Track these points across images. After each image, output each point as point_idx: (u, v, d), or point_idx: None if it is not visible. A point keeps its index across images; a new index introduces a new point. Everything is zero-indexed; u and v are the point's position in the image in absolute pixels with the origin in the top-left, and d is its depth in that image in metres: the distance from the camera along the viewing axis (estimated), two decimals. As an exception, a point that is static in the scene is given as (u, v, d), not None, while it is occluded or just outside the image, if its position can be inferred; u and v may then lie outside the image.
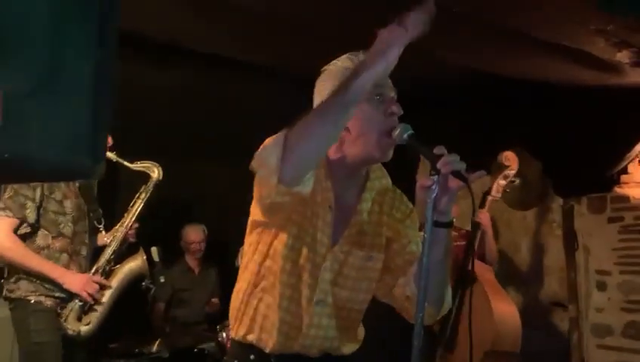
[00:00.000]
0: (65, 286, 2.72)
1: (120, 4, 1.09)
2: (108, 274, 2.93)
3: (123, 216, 3.08)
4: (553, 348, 4.05)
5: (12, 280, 2.74)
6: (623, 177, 3.67)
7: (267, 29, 2.97)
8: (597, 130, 3.50)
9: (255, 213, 1.57)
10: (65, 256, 2.78)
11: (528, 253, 4.35)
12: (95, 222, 2.97)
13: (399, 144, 1.48)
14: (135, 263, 3.01)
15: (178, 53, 3.47)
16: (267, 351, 1.53)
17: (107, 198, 3.36)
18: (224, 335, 3.45)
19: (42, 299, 2.71)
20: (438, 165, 1.32)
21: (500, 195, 3.32)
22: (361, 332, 1.70)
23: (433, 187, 1.33)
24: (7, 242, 2.66)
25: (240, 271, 1.65)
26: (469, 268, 3.33)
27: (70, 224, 2.80)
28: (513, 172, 3.23)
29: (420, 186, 1.36)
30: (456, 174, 1.33)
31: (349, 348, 1.63)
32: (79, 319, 2.78)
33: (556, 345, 4.03)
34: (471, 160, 3.51)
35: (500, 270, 4.50)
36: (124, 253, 3.05)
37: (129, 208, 3.09)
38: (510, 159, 3.23)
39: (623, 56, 2.50)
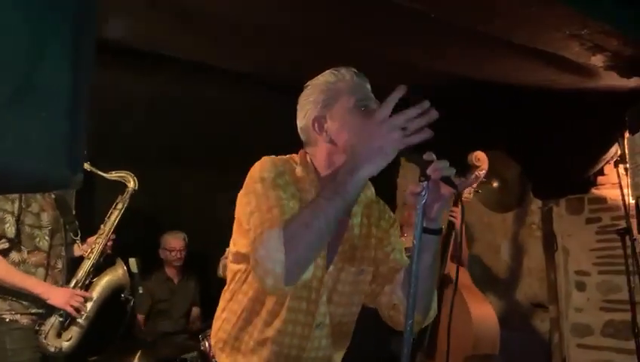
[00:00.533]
0: (49, 301, 2.66)
1: (96, 12, 1.07)
2: (87, 286, 2.88)
3: (100, 228, 3.03)
4: (534, 348, 4.09)
5: None
6: (600, 178, 3.73)
7: (245, 37, 2.96)
8: (574, 133, 3.56)
9: (242, 244, 1.49)
10: (41, 270, 2.71)
11: (508, 254, 4.39)
12: (71, 234, 2.93)
13: None
14: (114, 275, 2.97)
15: (156, 61, 3.44)
16: None
17: (83, 209, 3.31)
18: (206, 344, 3.42)
19: (18, 317, 2.63)
20: (428, 171, 1.31)
21: (471, 196, 3.34)
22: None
23: (422, 193, 1.30)
24: None
25: (224, 299, 1.59)
26: (442, 271, 3.32)
27: (47, 238, 2.74)
28: (484, 172, 3.25)
29: (410, 193, 1.33)
30: (446, 180, 1.31)
31: (339, 356, 1.63)
32: (59, 335, 2.72)
33: (537, 345, 4.07)
34: (450, 163, 3.51)
35: (480, 272, 4.55)
36: (100, 265, 2.99)
37: (106, 219, 3.04)
38: (480, 159, 3.25)
39: (597, 60, 2.54)
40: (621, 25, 2.22)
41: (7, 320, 2.61)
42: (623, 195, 3.30)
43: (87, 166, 2.86)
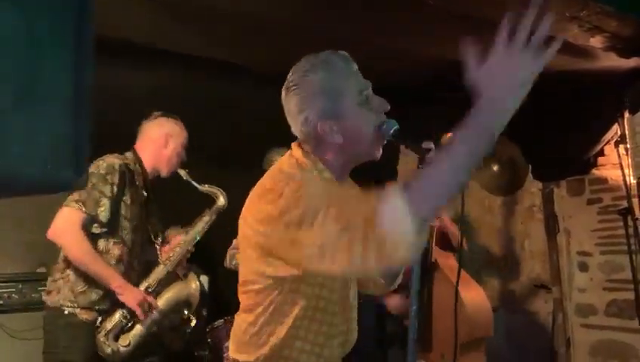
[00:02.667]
0: (121, 297, 2.51)
1: (94, 11, 1.07)
2: (157, 294, 2.71)
3: (181, 236, 2.87)
4: (538, 329, 4.12)
5: (55, 278, 2.51)
6: (600, 159, 3.73)
7: (244, 29, 2.95)
8: (573, 114, 3.55)
9: (280, 267, 1.42)
10: (121, 266, 2.57)
11: (510, 237, 4.41)
12: (152, 236, 2.77)
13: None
14: (186, 289, 2.77)
15: (154, 55, 3.42)
16: None
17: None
18: (214, 335, 3.43)
19: (78, 311, 2.48)
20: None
21: None
22: None
23: None
24: (74, 237, 2.42)
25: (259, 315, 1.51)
26: (430, 259, 3.36)
27: (131, 232, 2.61)
28: None
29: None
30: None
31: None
32: (116, 338, 2.55)
33: (540, 326, 4.10)
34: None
35: (482, 256, 4.57)
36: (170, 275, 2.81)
37: (189, 228, 2.88)
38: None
39: (596, 42, 2.53)
40: (620, 5, 2.21)
41: (66, 312, 2.47)
42: (623, 175, 3.31)
43: (182, 173, 2.79)
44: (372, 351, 3.68)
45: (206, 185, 2.91)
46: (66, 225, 2.44)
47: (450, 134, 3.61)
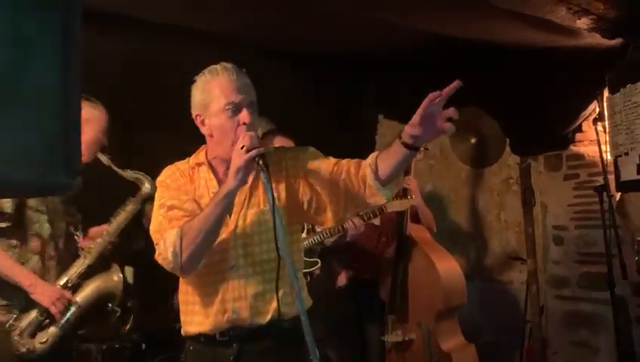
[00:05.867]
0: (33, 296, 2.42)
1: (82, 11, 1.02)
2: (75, 288, 2.60)
3: (101, 226, 2.76)
4: (512, 298, 4.23)
5: None
6: (578, 135, 3.78)
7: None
8: (552, 90, 3.57)
9: None
10: (36, 258, 2.49)
11: (486, 209, 4.48)
12: (72, 228, 2.67)
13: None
14: (107, 281, 2.67)
15: (128, 23, 3.31)
16: None
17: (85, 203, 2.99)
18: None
19: None
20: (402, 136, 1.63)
21: (422, 155, 3.53)
22: None
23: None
24: None
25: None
26: (405, 233, 3.47)
27: (47, 224, 2.52)
28: None
29: (430, 99, 1.57)
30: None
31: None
32: (33, 335, 2.46)
33: (515, 295, 4.21)
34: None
35: (458, 226, 4.65)
36: (94, 267, 2.71)
37: (112, 219, 2.75)
38: None
39: (582, 23, 2.53)
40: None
41: None
42: (600, 152, 3.35)
43: (104, 158, 2.66)
44: (347, 326, 3.74)
45: (129, 171, 2.76)
46: None
47: None
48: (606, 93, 3.22)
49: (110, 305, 2.71)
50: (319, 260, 3.30)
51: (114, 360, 3.31)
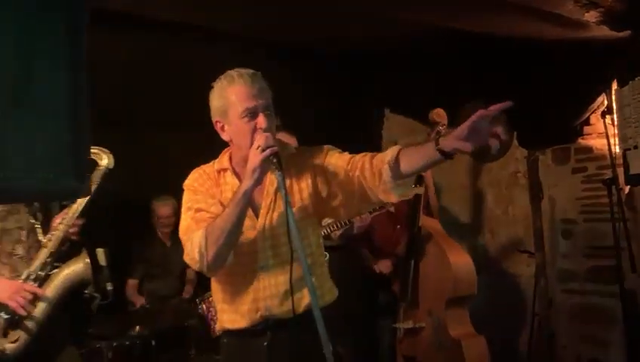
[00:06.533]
0: None
1: (87, 8, 1.02)
2: (43, 280, 2.43)
3: (62, 211, 2.57)
4: (520, 292, 4.23)
5: None
6: (586, 128, 3.75)
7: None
8: (560, 83, 3.55)
9: None
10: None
11: (494, 202, 4.46)
12: (31, 218, 2.49)
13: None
14: (74, 268, 2.51)
15: (139, 23, 3.31)
16: None
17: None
18: (204, 307, 3.46)
19: None
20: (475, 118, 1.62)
21: None
22: None
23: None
24: None
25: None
26: (418, 224, 3.55)
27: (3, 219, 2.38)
28: (444, 127, 3.43)
29: (480, 115, 1.61)
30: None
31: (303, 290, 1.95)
32: (4, 335, 2.34)
33: (523, 289, 4.20)
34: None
35: (466, 220, 4.64)
36: (65, 254, 2.55)
37: (71, 203, 2.55)
38: (440, 115, 3.44)
39: (590, 16, 2.50)
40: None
41: None
42: (609, 145, 3.33)
43: None
44: (362, 318, 3.79)
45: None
46: None
47: (437, 109, 3.75)
48: (614, 86, 3.20)
49: (86, 292, 2.55)
50: (327, 253, 3.34)
51: (124, 357, 3.34)
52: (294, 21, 3.52)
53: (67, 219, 2.48)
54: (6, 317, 2.33)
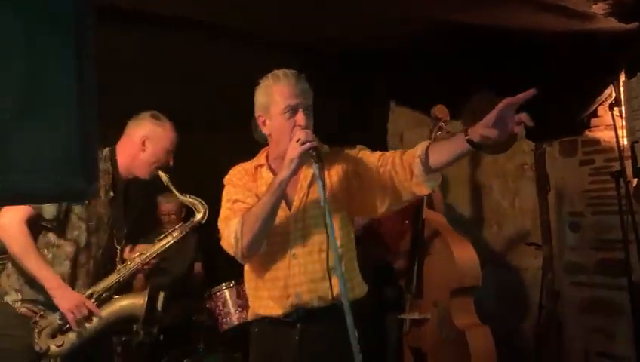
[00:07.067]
0: (54, 299, 2.40)
1: (94, 9, 1.02)
2: (103, 301, 2.54)
3: (142, 246, 2.72)
4: (527, 285, 4.22)
5: (6, 266, 2.45)
6: (594, 120, 3.72)
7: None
8: (567, 74, 3.52)
9: None
10: (68, 264, 2.47)
11: (500, 195, 4.45)
12: (115, 242, 2.61)
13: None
14: (133, 303, 2.60)
15: (143, 18, 3.31)
16: None
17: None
18: (212, 302, 3.48)
19: (18, 304, 2.43)
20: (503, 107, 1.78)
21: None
22: None
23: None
24: (15, 231, 2.35)
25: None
26: (422, 217, 3.60)
27: (85, 232, 2.50)
28: (446, 123, 3.47)
29: (506, 103, 1.75)
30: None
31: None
32: (53, 336, 2.46)
33: (530, 282, 4.19)
34: (448, 104, 3.49)
35: (471, 213, 4.63)
36: (128, 283, 2.68)
37: (156, 241, 2.68)
38: (442, 111, 3.50)
39: (597, 8, 2.48)
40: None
41: (6, 300, 2.44)
42: (617, 137, 3.31)
43: (164, 177, 2.59)
44: (370, 312, 3.80)
45: (187, 195, 2.68)
46: (9, 220, 2.37)
47: (438, 106, 3.74)
48: (622, 78, 3.18)
49: (135, 326, 2.68)
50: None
51: (133, 351, 3.37)
52: (299, 15, 3.50)
53: (147, 255, 2.61)
54: (59, 322, 2.44)
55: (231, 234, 1.93)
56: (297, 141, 1.85)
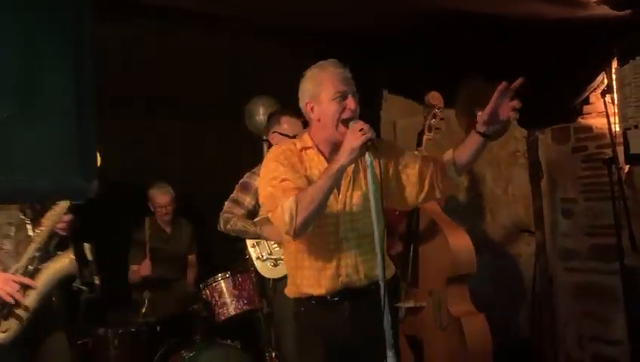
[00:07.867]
0: None
1: (94, 12, 1.02)
2: (32, 274, 2.48)
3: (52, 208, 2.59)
4: (521, 271, 4.26)
5: None
6: (586, 108, 3.73)
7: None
8: (560, 61, 3.52)
9: None
10: None
11: (494, 182, 4.47)
12: (21, 214, 2.54)
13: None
14: (60, 263, 2.56)
15: (135, 7, 3.27)
16: None
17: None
18: (207, 293, 3.49)
19: None
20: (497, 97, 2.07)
21: (433, 134, 3.55)
22: None
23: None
24: None
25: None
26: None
27: None
28: (440, 110, 3.46)
29: (500, 89, 1.99)
30: None
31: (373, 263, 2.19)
32: None
33: (523, 268, 4.23)
34: (440, 92, 3.50)
35: (465, 199, 4.65)
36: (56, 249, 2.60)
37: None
38: (436, 98, 3.50)
39: (591, -4, 2.48)
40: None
41: None
42: (609, 124, 3.33)
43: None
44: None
45: None
46: None
47: (432, 93, 3.75)
48: (615, 65, 3.19)
49: (74, 285, 2.64)
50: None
51: (130, 343, 3.38)
52: (292, 2, 3.47)
53: (54, 214, 2.53)
54: None
55: (285, 212, 2.00)
56: (360, 130, 1.93)
